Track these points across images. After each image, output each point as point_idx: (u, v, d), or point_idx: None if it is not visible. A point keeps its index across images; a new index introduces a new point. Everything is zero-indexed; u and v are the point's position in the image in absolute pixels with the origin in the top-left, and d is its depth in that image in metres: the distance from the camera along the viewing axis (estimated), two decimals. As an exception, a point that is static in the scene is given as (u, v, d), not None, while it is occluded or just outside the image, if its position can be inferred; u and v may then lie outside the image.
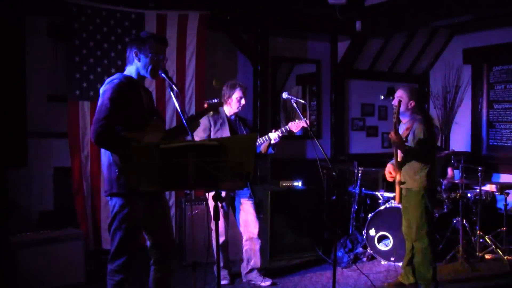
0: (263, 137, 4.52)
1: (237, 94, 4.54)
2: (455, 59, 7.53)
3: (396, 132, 4.23)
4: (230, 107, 4.59)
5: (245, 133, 4.63)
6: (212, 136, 4.49)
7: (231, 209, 4.73)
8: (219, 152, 2.58)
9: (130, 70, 3.17)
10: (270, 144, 4.53)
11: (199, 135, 4.41)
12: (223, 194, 4.53)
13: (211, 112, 4.47)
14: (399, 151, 4.36)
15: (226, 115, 4.60)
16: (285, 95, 4.31)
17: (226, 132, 4.52)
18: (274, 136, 4.48)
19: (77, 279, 4.62)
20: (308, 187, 5.77)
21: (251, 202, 4.64)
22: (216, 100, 3.77)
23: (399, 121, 4.37)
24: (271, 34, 6.44)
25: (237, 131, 4.62)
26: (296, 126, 4.49)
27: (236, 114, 4.66)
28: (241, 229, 4.70)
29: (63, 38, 5.12)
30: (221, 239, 4.58)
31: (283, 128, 4.51)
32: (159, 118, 3.30)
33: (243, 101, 4.57)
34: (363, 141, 7.59)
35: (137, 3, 5.33)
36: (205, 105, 3.71)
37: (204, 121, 4.53)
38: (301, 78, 7.38)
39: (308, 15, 6.44)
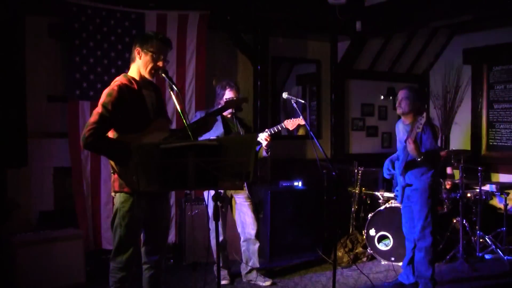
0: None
1: (227, 94, 4.52)
2: (455, 59, 7.52)
3: (415, 141, 4.21)
4: None
5: (241, 132, 4.60)
6: (205, 136, 4.44)
7: (230, 209, 4.73)
8: (219, 152, 2.59)
9: (133, 68, 3.17)
10: (262, 147, 4.45)
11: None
12: (221, 194, 4.51)
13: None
14: (411, 155, 4.33)
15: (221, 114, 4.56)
16: (285, 95, 4.29)
17: (219, 129, 4.46)
18: (263, 136, 4.37)
19: (77, 279, 4.62)
20: (308, 187, 5.77)
21: (248, 203, 4.62)
22: (233, 97, 3.63)
23: (423, 131, 4.30)
24: (271, 34, 6.44)
25: (232, 128, 4.59)
26: (292, 123, 4.45)
27: (232, 113, 4.63)
28: (239, 229, 4.70)
29: (63, 38, 5.12)
30: (220, 239, 4.57)
31: (275, 128, 4.43)
32: (164, 118, 3.28)
33: None
34: (363, 141, 7.59)
35: (137, 3, 5.32)
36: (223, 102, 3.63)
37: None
38: (301, 78, 7.38)
39: (308, 15, 6.43)
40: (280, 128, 4.45)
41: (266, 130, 4.44)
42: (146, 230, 3.24)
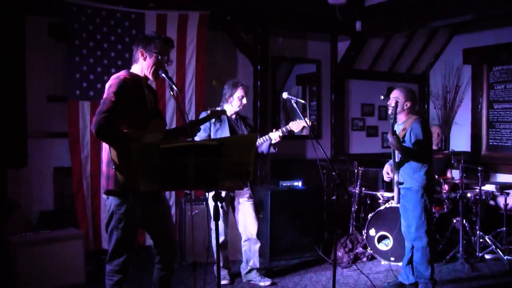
0: (264, 137, 4.50)
1: (239, 93, 4.53)
2: (455, 59, 7.53)
3: (393, 132, 4.25)
4: (231, 106, 4.57)
5: (245, 132, 4.62)
6: (212, 136, 4.49)
7: (231, 209, 4.73)
8: (219, 152, 2.59)
9: (136, 68, 3.16)
10: (271, 144, 4.51)
11: (199, 134, 4.40)
12: (223, 194, 4.53)
13: (213, 119, 4.48)
14: (396, 151, 4.37)
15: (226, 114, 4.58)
16: (285, 95, 4.28)
17: (226, 132, 4.51)
18: (274, 136, 4.46)
19: (77, 279, 4.61)
20: (308, 187, 5.77)
21: (250, 202, 4.63)
22: (219, 108, 3.77)
23: (395, 121, 4.39)
24: (271, 34, 6.45)
25: (237, 130, 4.61)
26: (297, 126, 4.48)
27: (237, 113, 4.66)
28: (240, 229, 4.70)
29: (63, 38, 5.12)
30: (220, 239, 4.58)
31: (283, 128, 4.49)
32: (160, 118, 3.29)
33: (244, 100, 4.57)
34: (363, 141, 7.60)
35: (137, 3, 5.33)
36: (209, 111, 3.70)
37: None
38: (301, 78, 7.39)
39: (308, 15, 6.44)
40: (285, 130, 4.49)
41: (274, 130, 4.49)
42: (150, 233, 3.22)
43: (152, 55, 3.08)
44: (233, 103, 4.55)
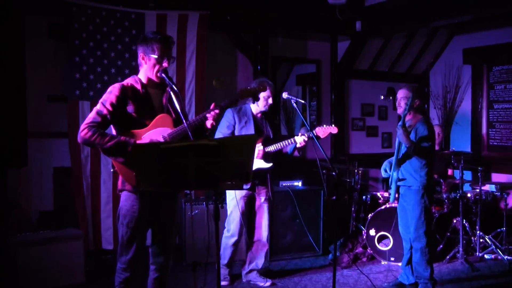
0: (290, 139, 4.43)
1: (265, 92, 4.48)
2: (455, 59, 7.52)
3: (403, 126, 4.23)
4: (257, 106, 4.54)
5: (270, 132, 4.61)
6: (236, 134, 4.46)
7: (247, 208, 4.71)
8: (219, 152, 2.59)
9: (141, 71, 3.19)
10: (296, 148, 4.47)
11: (222, 131, 4.40)
12: (243, 193, 4.51)
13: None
14: (402, 148, 4.35)
15: (252, 113, 4.57)
16: (285, 95, 4.28)
17: (250, 130, 4.46)
18: (299, 140, 4.39)
19: (77, 279, 4.62)
20: (308, 187, 5.77)
21: (267, 205, 4.64)
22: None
23: (406, 113, 4.34)
24: (271, 34, 6.44)
25: (263, 130, 4.59)
26: (323, 131, 4.39)
27: (263, 112, 4.61)
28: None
29: (63, 38, 5.12)
30: (234, 239, 4.58)
31: (309, 133, 4.38)
32: (168, 114, 3.22)
33: (270, 100, 4.51)
34: (363, 141, 7.59)
35: (137, 3, 5.32)
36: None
37: (228, 118, 4.50)
38: (301, 78, 7.39)
39: (308, 15, 6.44)
40: (311, 135, 4.35)
41: (300, 134, 4.41)
42: (152, 230, 3.23)
43: (151, 58, 3.09)
44: (259, 103, 4.50)
